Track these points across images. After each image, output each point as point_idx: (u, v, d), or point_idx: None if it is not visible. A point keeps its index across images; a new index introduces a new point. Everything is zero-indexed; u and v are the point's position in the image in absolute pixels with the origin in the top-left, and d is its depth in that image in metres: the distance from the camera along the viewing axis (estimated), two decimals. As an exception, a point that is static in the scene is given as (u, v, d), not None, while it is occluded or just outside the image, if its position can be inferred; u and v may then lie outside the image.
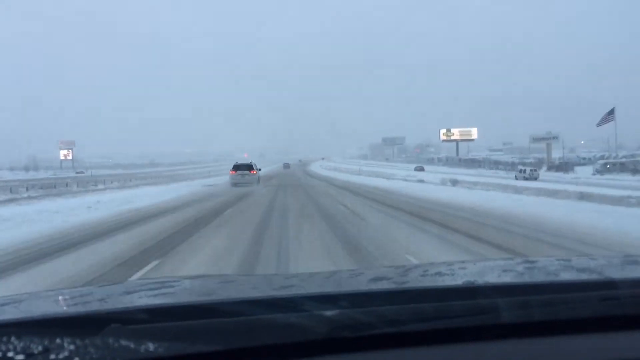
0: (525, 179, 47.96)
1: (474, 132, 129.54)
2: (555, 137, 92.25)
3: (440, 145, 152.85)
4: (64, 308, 1.29)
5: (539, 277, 1.51)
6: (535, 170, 54.81)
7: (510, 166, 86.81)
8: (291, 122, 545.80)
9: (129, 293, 1.38)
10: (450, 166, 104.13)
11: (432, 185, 32.69)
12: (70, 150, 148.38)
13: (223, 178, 49.96)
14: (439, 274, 1.53)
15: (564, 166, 74.49)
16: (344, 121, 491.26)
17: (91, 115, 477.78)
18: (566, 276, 1.50)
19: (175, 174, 73.81)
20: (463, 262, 1.82)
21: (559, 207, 15.57)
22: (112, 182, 48.93)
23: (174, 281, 1.59)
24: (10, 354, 0.89)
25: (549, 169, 78.57)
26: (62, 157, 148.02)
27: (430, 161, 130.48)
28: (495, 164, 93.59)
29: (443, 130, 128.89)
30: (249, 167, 33.39)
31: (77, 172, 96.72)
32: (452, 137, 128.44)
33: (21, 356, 0.89)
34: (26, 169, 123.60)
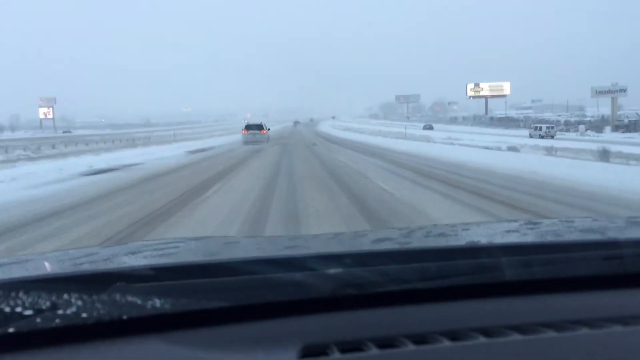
0: (541, 137, 43.99)
1: (507, 87, 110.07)
2: (622, 90, 72.05)
3: (461, 102, 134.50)
4: (70, 267, 1.24)
5: (542, 238, 1.48)
6: (553, 128, 49.50)
7: (564, 126, 69.02)
8: (297, 81, 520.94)
9: (133, 253, 1.35)
10: (482, 126, 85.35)
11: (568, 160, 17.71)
12: (51, 109, 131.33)
13: (183, 147, 30.23)
14: (442, 234, 1.53)
15: (635, 125, 56.24)
16: (352, 79, 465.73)
17: (92, 74, 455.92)
18: (569, 236, 1.48)
19: (145, 137, 56.15)
20: (467, 223, 1.75)
21: None
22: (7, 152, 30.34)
23: (179, 242, 1.53)
24: (18, 309, 0.89)
25: (616, 128, 59.80)
26: (41, 116, 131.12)
27: (454, 120, 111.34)
28: (540, 124, 75.22)
29: (470, 85, 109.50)
30: (260, 127, 33.87)
31: (64, 132, 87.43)
32: (481, 93, 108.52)
33: (30, 311, 0.89)
34: (0, 128, 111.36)
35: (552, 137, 44.54)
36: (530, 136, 45.80)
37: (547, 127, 48.76)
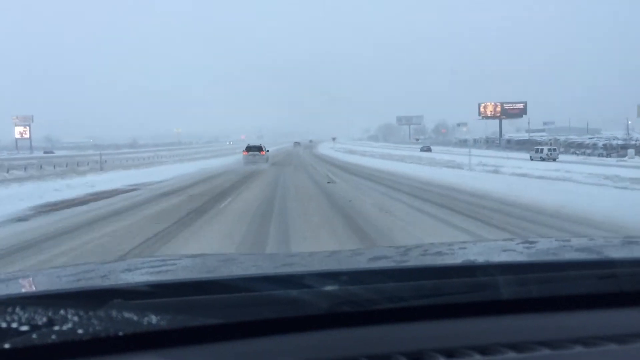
0: (542, 159, 42.12)
1: (524, 107, 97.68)
2: (676, 109, 60.26)
3: (472, 124, 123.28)
4: (67, 283, 1.22)
5: (538, 257, 1.47)
6: (555, 150, 46.98)
7: (604, 150, 57.14)
8: (293, 102, 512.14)
9: (130, 270, 1.34)
10: (498, 149, 73.10)
11: None
12: (27, 128, 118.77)
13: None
14: (439, 253, 1.51)
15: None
16: (350, 100, 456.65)
17: (86, 94, 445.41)
18: (565, 255, 1.48)
19: (95, 161, 43.22)
20: (463, 242, 1.74)
21: None
22: None
23: (175, 259, 1.51)
24: (14, 325, 0.88)
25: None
26: (17, 136, 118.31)
27: (463, 143, 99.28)
28: (569, 147, 63.11)
29: (483, 105, 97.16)
30: (259, 148, 35.03)
31: (46, 152, 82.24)
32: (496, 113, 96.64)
33: (26, 327, 0.88)
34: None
35: (554, 159, 42.29)
36: (531, 159, 42.86)
37: (549, 150, 46.26)
